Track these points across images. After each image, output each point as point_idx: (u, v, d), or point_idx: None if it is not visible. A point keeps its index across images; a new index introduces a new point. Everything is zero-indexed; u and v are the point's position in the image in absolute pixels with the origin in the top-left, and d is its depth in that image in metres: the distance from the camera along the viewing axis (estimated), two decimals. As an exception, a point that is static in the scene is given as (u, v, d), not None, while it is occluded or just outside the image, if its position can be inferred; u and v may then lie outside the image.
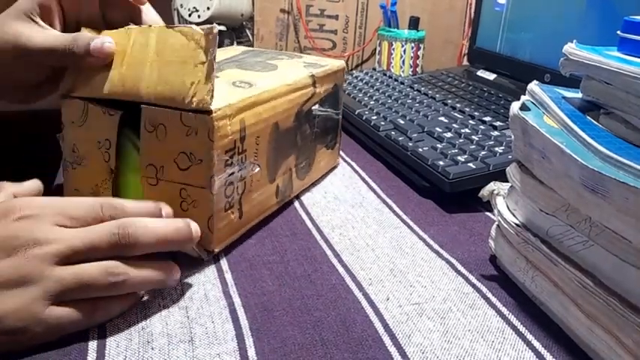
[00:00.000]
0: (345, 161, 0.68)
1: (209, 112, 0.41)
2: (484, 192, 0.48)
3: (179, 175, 0.42)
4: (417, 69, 1.02)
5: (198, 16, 1.05)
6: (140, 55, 0.44)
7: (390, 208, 0.56)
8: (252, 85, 0.48)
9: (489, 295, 0.43)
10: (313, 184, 0.60)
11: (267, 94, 0.48)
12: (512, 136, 0.42)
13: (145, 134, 0.42)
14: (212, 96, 0.41)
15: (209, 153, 0.42)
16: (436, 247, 0.49)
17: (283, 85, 0.51)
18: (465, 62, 1.02)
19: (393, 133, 0.68)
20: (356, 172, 0.65)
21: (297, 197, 0.57)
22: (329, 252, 0.47)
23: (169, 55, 0.42)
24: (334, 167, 0.65)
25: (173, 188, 0.43)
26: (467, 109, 0.73)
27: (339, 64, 0.61)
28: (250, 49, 0.67)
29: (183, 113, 0.41)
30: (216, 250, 0.45)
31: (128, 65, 0.44)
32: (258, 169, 0.48)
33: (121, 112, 0.43)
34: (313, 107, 0.56)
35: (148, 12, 0.50)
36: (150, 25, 0.45)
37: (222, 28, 1.06)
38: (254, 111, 0.46)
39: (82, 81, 0.45)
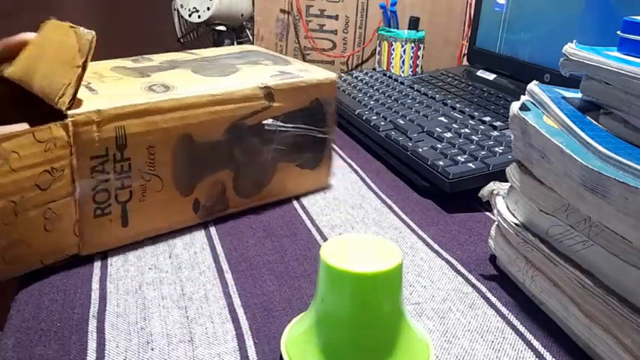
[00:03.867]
0: (345, 161, 0.68)
1: (66, 117, 0.40)
2: (484, 192, 0.48)
3: (42, 197, 0.40)
4: (417, 69, 1.02)
5: (199, 17, 1.05)
6: (43, 47, 0.44)
7: (390, 208, 0.56)
8: (169, 90, 0.46)
9: (489, 294, 0.43)
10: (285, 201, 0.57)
11: (172, 103, 0.45)
12: (512, 136, 0.42)
13: None
14: (72, 101, 0.40)
15: (69, 159, 0.41)
16: (436, 247, 0.49)
17: (206, 95, 0.47)
18: (465, 62, 1.02)
19: (393, 133, 0.68)
20: (356, 172, 0.65)
21: (297, 198, 0.57)
22: (329, 252, 0.47)
23: (62, 52, 0.42)
24: (321, 188, 0.60)
25: (33, 216, 0.40)
26: (467, 109, 0.73)
27: (326, 76, 0.55)
28: (251, 48, 0.67)
29: (35, 132, 0.39)
30: (84, 254, 0.44)
31: (32, 55, 0.44)
32: (150, 179, 0.46)
33: None
34: (266, 122, 0.52)
35: None
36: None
37: (223, 28, 1.06)
38: (146, 120, 0.44)
39: None
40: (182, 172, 0.48)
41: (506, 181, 0.44)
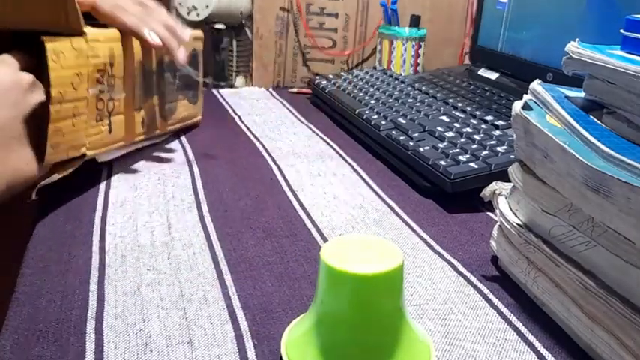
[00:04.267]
0: (346, 161, 0.68)
1: (84, 33, 0.51)
2: (486, 192, 0.48)
3: (73, 94, 0.51)
4: (418, 68, 1.02)
5: (197, 15, 1.04)
6: None
7: (391, 208, 0.56)
8: None
9: (491, 296, 0.42)
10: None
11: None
12: (515, 136, 0.42)
13: (52, 65, 0.47)
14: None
15: (87, 68, 0.52)
16: (437, 247, 0.49)
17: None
18: (467, 61, 1.01)
19: (393, 132, 0.67)
20: (356, 172, 0.65)
21: (296, 197, 0.57)
22: (329, 252, 0.47)
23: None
24: (197, 122, 0.78)
25: (68, 108, 0.50)
26: (468, 109, 0.73)
27: (197, 33, 0.74)
28: None
29: (73, 39, 0.50)
30: (89, 154, 0.55)
31: None
32: (124, 94, 0.59)
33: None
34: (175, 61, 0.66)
35: None
36: None
37: (221, 26, 1.06)
38: (123, 45, 0.58)
39: None
40: (138, 92, 0.62)
41: (509, 181, 0.44)
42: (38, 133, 0.48)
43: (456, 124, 0.67)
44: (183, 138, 0.74)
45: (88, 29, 0.52)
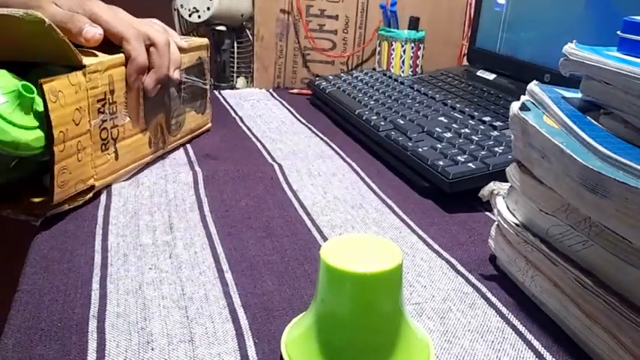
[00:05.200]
0: (345, 161, 0.68)
1: (84, 67, 0.51)
2: (484, 192, 0.48)
3: (76, 130, 0.50)
4: (417, 69, 1.02)
5: (199, 17, 1.05)
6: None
7: (390, 208, 0.56)
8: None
9: (489, 294, 0.43)
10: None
11: None
12: (512, 136, 0.42)
13: (52, 106, 0.47)
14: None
15: (87, 100, 0.52)
16: (436, 247, 0.49)
17: None
18: (465, 62, 1.02)
19: (392, 133, 0.68)
20: (356, 172, 0.65)
21: (297, 197, 0.57)
22: (329, 252, 0.47)
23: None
24: (206, 129, 0.78)
25: (72, 145, 0.50)
26: (467, 109, 0.73)
27: (202, 41, 0.73)
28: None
29: (70, 75, 0.49)
30: (97, 185, 0.54)
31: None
32: (128, 119, 0.58)
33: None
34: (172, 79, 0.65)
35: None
36: None
37: (223, 28, 1.06)
38: (122, 69, 0.56)
39: None
40: (142, 113, 0.61)
41: (506, 181, 0.44)
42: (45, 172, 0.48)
43: (454, 125, 0.67)
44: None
45: (86, 59, 0.52)
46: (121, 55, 0.56)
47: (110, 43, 0.56)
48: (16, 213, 0.50)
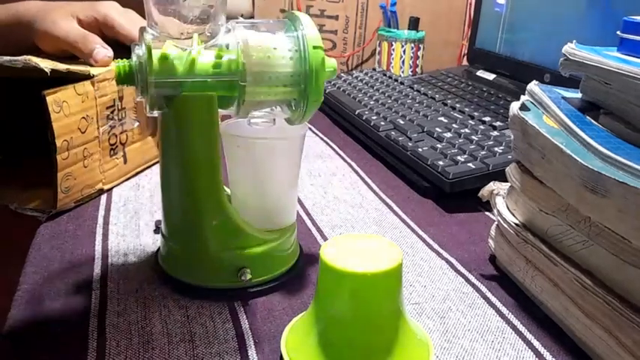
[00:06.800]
0: (345, 161, 0.68)
1: (92, 76, 0.52)
2: (484, 192, 0.48)
3: (81, 139, 0.51)
4: (417, 69, 1.02)
5: (198, 16, 1.04)
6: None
7: (390, 207, 0.56)
8: None
9: (489, 294, 0.43)
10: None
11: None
12: (512, 136, 0.42)
13: (54, 116, 0.48)
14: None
15: (95, 109, 0.53)
16: (436, 246, 0.49)
17: None
18: (465, 62, 1.02)
19: (392, 133, 0.68)
20: (356, 172, 0.65)
21: (297, 197, 0.57)
22: (329, 252, 0.47)
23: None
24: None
25: (77, 152, 0.51)
26: (466, 109, 0.73)
27: None
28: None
29: (76, 85, 0.50)
30: (106, 188, 0.56)
31: None
32: (137, 123, 0.59)
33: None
34: None
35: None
36: None
37: (222, 28, 1.06)
38: None
39: None
40: (151, 118, 0.61)
41: (506, 181, 0.44)
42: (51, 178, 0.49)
43: (454, 125, 0.67)
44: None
45: (95, 69, 0.53)
46: None
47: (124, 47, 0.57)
48: (22, 207, 0.51)
